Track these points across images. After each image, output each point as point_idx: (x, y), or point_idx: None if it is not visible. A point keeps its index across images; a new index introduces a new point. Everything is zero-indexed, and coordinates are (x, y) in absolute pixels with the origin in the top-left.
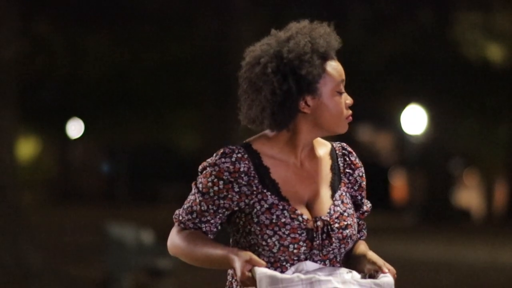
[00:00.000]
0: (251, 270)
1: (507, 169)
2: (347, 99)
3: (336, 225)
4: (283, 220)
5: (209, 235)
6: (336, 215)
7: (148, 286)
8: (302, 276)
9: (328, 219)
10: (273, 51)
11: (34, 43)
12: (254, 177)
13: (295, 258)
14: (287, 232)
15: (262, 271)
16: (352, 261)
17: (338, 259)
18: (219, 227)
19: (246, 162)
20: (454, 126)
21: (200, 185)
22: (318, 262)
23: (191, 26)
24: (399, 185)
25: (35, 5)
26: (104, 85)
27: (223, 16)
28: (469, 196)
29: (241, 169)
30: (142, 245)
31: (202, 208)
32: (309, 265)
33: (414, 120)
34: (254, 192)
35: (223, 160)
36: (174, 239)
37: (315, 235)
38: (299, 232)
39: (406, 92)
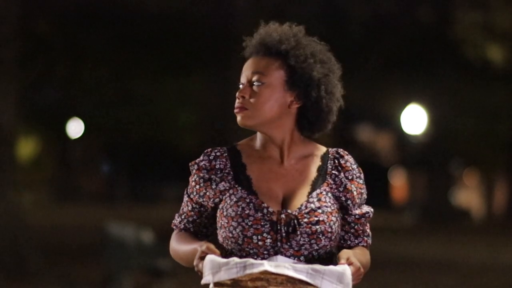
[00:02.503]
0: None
1: (507, 169)
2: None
3: (305, 219)
4: (247, 211)
5: (199, 236)
6: (307, 210)
7: (148, 286)
8: (237, 260)
9: (297, 213)
10: None
11: (34, 43)
12: (228, 174)
13: (265, 252)
14: (249, 223)
15: (208, 257)
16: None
17: (315, 256)
18: (210, 228)
19: (223, 160)
20: (454, 126)
21: (188, 187)
22: (291, 257)
23: (191, 26)
24: (399, 185)
25: (35, 5)
26: (104, 85)
27: (223, 16)
28: (469, 196)
29: (217, 166)
30: (142, 245)
31: (189, 208)
32: (280, 259)
33: (414, 120)
34: (227, 188)
35: (201, 159)
36: (170, 243)
37: (279, 228)
38: (262, 223)
39: (406, 92)
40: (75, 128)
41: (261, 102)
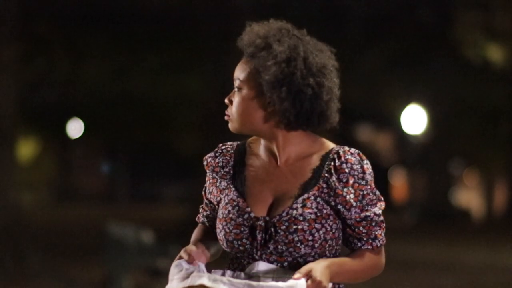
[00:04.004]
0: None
1: (507, 169)
2: None
3: (283, 227)
4: (230, 215)
5: (214, 231)
6: (287, 217)
7: (148, 286)
8: (185, 271)
9: (276, 220)
10: None
11: (34, 43)
12: (228, 173)
13: (250, 256)
14: (231, 228)
15: (173, 263)
16: None
17: (301, 262)
18: None
19: (227, 157)
20: (454, 126)
21: None
22: (274, 263)
23: (191, 26)
24: (399, 185)
25: (35, 5)
26: (104, 85)
27: (223, 16)
28: (469, 196)
29: (219, 164)
30: (142, 245)
31: (204, 203)
32: (260, 265)
33: (414, 120)
34: (224, 187)
35: (209, 154)
36: None
37: (256, 234)
38: (241, 229)
39: (406, 92)
40: (75, 128)
41: (239, 109)
